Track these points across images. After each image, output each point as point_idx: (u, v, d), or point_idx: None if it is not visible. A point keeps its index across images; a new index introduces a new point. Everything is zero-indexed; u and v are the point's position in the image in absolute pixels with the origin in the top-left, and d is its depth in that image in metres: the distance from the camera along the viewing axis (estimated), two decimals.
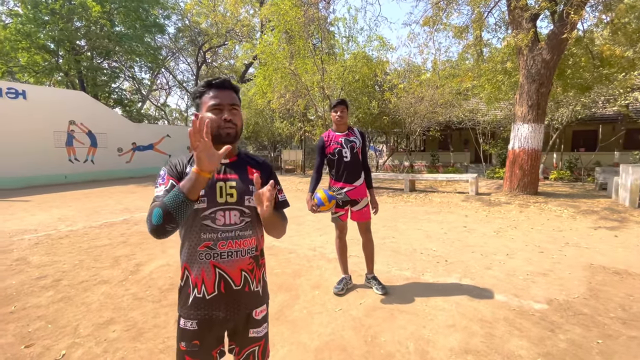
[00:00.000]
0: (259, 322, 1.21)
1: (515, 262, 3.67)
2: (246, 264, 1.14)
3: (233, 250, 1.11)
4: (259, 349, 1.22)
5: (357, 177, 2.88)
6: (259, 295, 1.20)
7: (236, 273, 1.12)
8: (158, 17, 19.52)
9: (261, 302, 1.22)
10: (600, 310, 2.59)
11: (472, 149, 16.61)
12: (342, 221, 2.95)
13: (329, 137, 2.88)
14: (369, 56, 11.32)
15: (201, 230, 1.09)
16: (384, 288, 2.91)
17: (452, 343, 2.19)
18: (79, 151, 12.84)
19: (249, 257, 1.14)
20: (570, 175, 11.55)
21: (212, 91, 1.12)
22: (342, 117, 2.81)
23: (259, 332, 1.21)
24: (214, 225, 1.09)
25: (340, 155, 2.84)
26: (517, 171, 7.35)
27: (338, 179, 2.88)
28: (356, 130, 2.93)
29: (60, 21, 14.48)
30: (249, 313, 1.17)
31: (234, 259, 1.11)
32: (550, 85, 7.19)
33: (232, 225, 1.11)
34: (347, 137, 2.85)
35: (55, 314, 2.61)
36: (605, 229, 4.96)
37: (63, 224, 5.77)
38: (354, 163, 2.85)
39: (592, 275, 3.27)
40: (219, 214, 1.10)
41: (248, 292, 1.15)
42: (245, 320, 1.18)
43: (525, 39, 6.41)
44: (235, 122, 1.12)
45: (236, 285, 1.12)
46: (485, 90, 10.17)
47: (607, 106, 11.97)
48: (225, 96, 1.11)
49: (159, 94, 31.76)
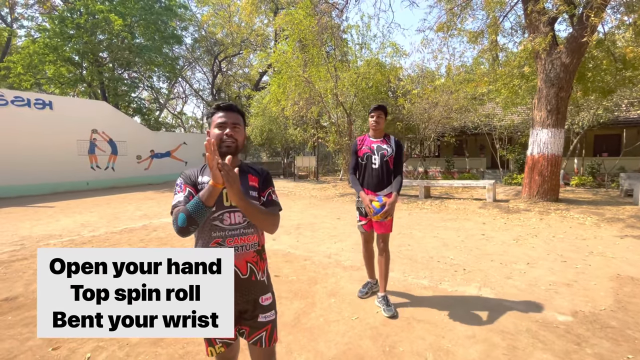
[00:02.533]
0: (266, 308, 1.40)
1: (537, 271, 3.56)
2: (251, 257, 1.36)
3: (239, 245, 1.33)
4: (266, 334, 1.39)
5: (382, 187, 2.74)
6: (264, 284, 1.41)
7: (242, 264, 1.33)
8: (176, 28, 20.18)
9: (266, 290, 1.42)
10: (630, 323, 2.48)
11: (489, 155, 16.29)
12: (366, 231, 2.89)
13: (362, 141, 2.85)
14: (382, 63, 11.35)
15: (211, 230, 1.31)
16: (391, 310, 2.67)
17: (472, 355, 2.14)
18: (100, 159, 13.30)
19: (252, 251, 1.36)
20: (592, 181, 11.16)
21: (220, 112, 1.36)
22: (377, 123, 2.73)
23: (266, 317, 1.39)
24: (222, 225, 1.32)
25: (369, 160, 2.76)
26: (537, 177, 7.16)
27: (365, 186, 2.79)
28: (392, 138, 2.82)
29: (85, 35, 15.16)
30: (255, 299, 1.37)
31: (240, 253, 1.32)
32: (570, 89, 7.01)
33: (237, 224, 1.33)
34: (381, 144, 2.77)
35: None
36: (633, 237, 4.76)
37: (86, 229, 5.97)
38: (382, 171, 2.73)
39: (619, 287, 3.13)
40: (225, 215, 1.32)
41: (254, 280, 1.36)
42: (254, 305, 1.37)
43: (543, 42, 6.29)
44: (235, 137, 1.34)
45: (243, 275, 1.34)
46: (501, 95, 10.00)
47: (631, 109, 11.57)
48: (229, 116, 1.35)
49: (175, 102, 32.67)
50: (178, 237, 5.38)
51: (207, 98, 28.10)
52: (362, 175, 2.82)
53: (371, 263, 3.04)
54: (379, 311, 2.73)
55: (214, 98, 24.77)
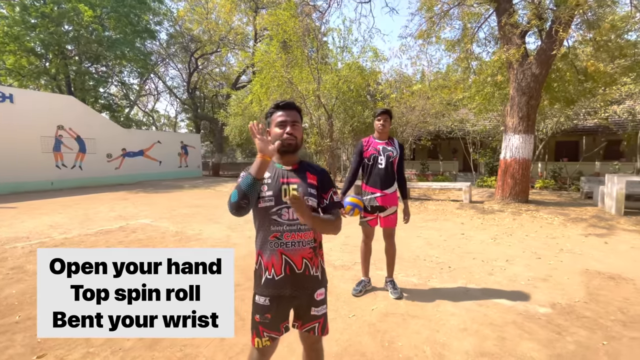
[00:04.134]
0: (319, 302, 1.46)
1: (516, 268, 3.79)
2: (307, 253, 1.39)
3: (296, 241, 1.37)
4: (319, 326, 1.46)
5: (388, 185, 2.93)
6: (318, 279, 1.45)
7: (298, 259, 1.37)
8: (149, 22, 19.40)
9: (320, 285, 1.46)
10: (601, 313, 2.72)
11: (461, 158, 17.02)
12: (370, 226, 3.02)
13: (368, 143, 2.97)
14: (363, 66, 11.56)
15: (271, 224, 1.36)
16: (397, 292, 2.98)
17: (466, 347, 2.26)
18: (66, 157, 12.52)
19: (309, 247, 1.40)
20: (554, 184, 11.98)
21: (280, 111, 1.41)
22: (384, 126, 2.89)
23: (319, 311, 1.45)
24: (280, 219, 1.36)
25: (375, 161, 2.91)
26: (509, 180, 7.60)
27: (369, 184, 2.96)
28: (396, 141, 3.00)
29: (50, 25, 14.22)
30: (310, 293, 1.42)
31: (297, 248, 1.37)
32: (539, 98, 7.51)
33: (295, 220, 1.36)
34: (386, 145, 2.93)
35: None
36: (595, 236, 5.18)
37: (56, 231, 5.61)
38: (387, 171, 2.91)
39: (589, 280, 3.41)
40: (284, 210, 1.36)
41: (308, 275, 1.40)
42: (308, 300, 1.43)
43: (516, 54, 6.71)
44: (295, 135, 1.39)
45: (298, 270, 1.38)
46: (475, 102, 10.51)
47: (589, 118, 12.54)
48: (289, 114, 1.40)
49: (147, 99, 31.37)
50: (160, 238, 5.21)
51: (182, 96, 27.24)
52: (369, 174, 2.96)
53: (368, 259, 3.13)
54: (375, 308, 2.80)
55: (190, 96, 24.05)
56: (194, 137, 19.98)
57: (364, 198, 2.93)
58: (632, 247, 4.58)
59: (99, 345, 2.25)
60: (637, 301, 2.93)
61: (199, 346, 2.26)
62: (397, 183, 3.01)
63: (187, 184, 14.16)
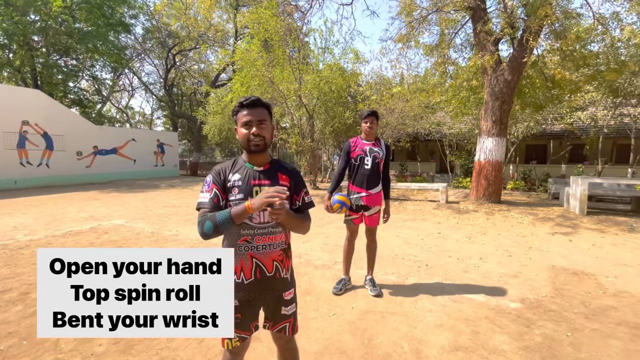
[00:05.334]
0: (288, 301, 1.46)
1: (489, 265, 3.95)
2: (277, 255, 1.39)
3: (267, 244, 1.36)
4: (289, 325, 1.47)
5: (373, 185, 3.00)
6: (288, 280, 1.46)
7: (269, 262, 1.37)
8: (124, 15, 18.67)
9: (289, 286, 1.47)
10: (566, 306, 2.88)
11: (438, 160, 17.52)
12: (354, 224, 3.07)
13: (356, 144, 3.02)
14: (344, 68, 11.67)
15: (241, 227, 1.33)
16: (377, 290, 3.04)
17: (442, 341, 2.33)
18: (31, 154, 11.81)
19: (279, 249, 1.39)
20: (524, 186, 12.58)
21: (245, 109, 1.34)
22: (371, 128, 2.96)
23: (288, 310, 1.46)
24: (251, 223, 1.34)
25: (362, 162, 2.97)
26: (483, 181, 7.91)
27: (355, 183, 3.01)
28: (382, 142, 3.07)
29: (14, 14, 13.39)
30: (279, 295, 1.43)
31: (268, 251, 1.36)
32: (511, 103, 7.87)
33: (266, 223, 1.35)
34: (373, 146, 2.99)
35: (29, 330, 2.41)
36: (561, 234, 5.49)
37: (20, 233, 5.29)
38: (374, 172, 2.98)
39: (555, 276, 3.61)
40: (255, 213, 1.31)
41: (279, 278, 1.41)
42: (277, 299, 1.43)
43: (490, 60, 7.00)
44: (263, 135, 1.34)
45: (269, 273, 1.37)
46: (451, 105, 10.86)
47: (555, 123, 13.27)
48: (254, 113, 1.33)
49: (121, 95, 30.15)
50: (134, 239, 5.03)
51: (158, 93, 26.39)
52: (355, 174, 3.01)
53: (350, 258, 3.17)
54: (355, 306, 2.84)
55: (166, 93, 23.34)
56: (171, 135, 19.41)
57: (350, 197, 2.96)
58: (594, 244, 4.88)
59: (68, 352, 2.15)
60: (597, 295, 3.13)
61: (176, 349, 2.20)
62: (382, 183, 3.06)
63: (164, 184, 13.74)
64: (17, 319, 2.56)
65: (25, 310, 2.72)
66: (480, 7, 7.67)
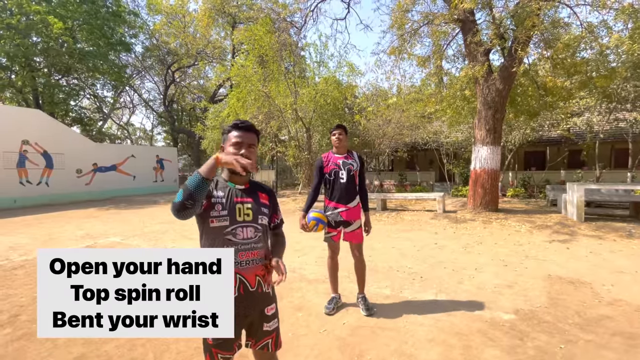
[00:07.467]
0: (270, 317, 1.48)
1: (484, 275, 3.92)
2: (259, 270, 1.42)
3: (250, 259, 1.39)
4: (272, 341, 1.48)
5: (351, 199, 2.94)
6: (269, 295, 1.49)
7: (252, 277, 1.40)
8: (124, 35, 19.10)
9: (271, 301, 1.49)
10: (560, 317, 2.84)
11: (437, 169, 17.53)
12: (334, 242, 3.01)
13: (328, 158, 2.98)
14: (339, 80, 11.84)
15: (224, 243, 1.35)
16: (368, 309, 2.96)
17: (433, 357, 2.30)
18: (31, 173, 11.90)
19: (261, 264, 1.43)
20: (524, 192, 12.54)
21: (238, 131, 1.40)
22: (340, 140, 2.92)
23: (270, 326, 1.47)
24: (234, 239, 1.37)
25: (337, 176, 2.92)
26: (480, 190, 7.90)
27: (332, 199, 2.96)
28: (355, 154, 3.03)
29: (17, 37, 13.72)
30: (262, 310, 1.45)
31: (251, 267, 1.39)
32: (504, 112, 7.93)
33: (249, 239, 1.40)
34: (346, 159, 2.95)
35: (17, 353, 2.39)
36: (558, 242, 5.44)
37: (15, 252, 5.29)
38: (350, 185, 2.93)
39: (550, 286, 3.57)
40: (238, 229, 1.38)
41: (261, 292, 1.43)
42: (259, 316, 1.45)
43: (481, 70, 7.09)
44: (250, 158, 1.39)
45: (251, 288, 1.40)
46: (447, 115, 10.94)
47: (552, 130, 13.32)
48: (246, 137, 1.41)
49: (122, 112, 30.55)
50: None
51: (158, 109, 26.73)
52: (331, 189, 2.97)
53: (336, 275, 3.12)
54: (346, 322, 2.81)
55: (166, 109, 23.65)
56: (170, 150, 19.55)
57: (327, 214, 2.93)
58: (591, 251, 4.84)
59: None
60: (592, 304, 3.09)
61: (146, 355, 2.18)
62: (359, 195, 3.02)
63: (162, 199, 13.76)
64: (5, 343, 2.55)
65: (14, 333, 2.70)
66: (469, 19, 7.83)
